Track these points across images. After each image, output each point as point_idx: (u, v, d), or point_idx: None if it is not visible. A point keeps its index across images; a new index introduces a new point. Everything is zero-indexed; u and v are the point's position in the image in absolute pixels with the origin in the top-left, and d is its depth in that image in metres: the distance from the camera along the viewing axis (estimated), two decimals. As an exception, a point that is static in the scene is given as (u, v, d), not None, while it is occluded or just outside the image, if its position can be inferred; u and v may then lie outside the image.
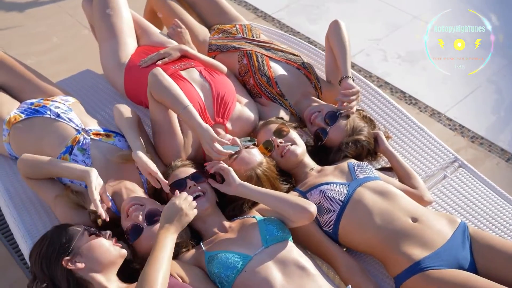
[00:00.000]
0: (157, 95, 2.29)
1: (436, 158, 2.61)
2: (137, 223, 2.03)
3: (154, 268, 1.73)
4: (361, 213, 2.10)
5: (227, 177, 2.09)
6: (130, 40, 2.82)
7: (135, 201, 2.10)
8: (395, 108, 2.82)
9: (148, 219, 2.04)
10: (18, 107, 2.52)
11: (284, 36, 3.31)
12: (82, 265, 1.86)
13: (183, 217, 1.92)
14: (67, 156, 2.27)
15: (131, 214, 2.05)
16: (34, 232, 2.24)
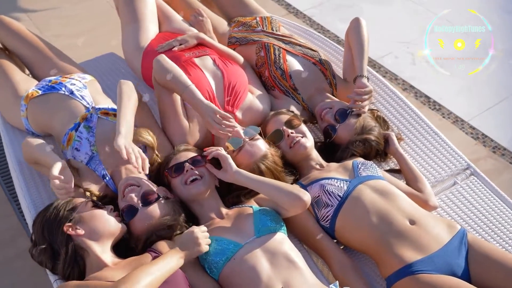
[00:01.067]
0: (160, 79, 2.34)
1: (448, 164, 2.55)
2: (132, 204, 2.06)
3: (146, 272, 1.71)
4: (358, 210, 2.08)
5: (224, 164, 2.10)
6: (152, 25, 2.86)
7: (132, 181, 2.13)
8: (411, 111, 2.77)
9: (143, 200, 2.06)
10: (37, 84, 2.59)
11: (308, 32, 3.29)
12: (82, 232, 1.92)
13: (196, 246, 1.90)
14: (73, 132, 2.33)
15: (127, 195, 2.08)
16: (39, 204, 2.30)
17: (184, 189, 2.14)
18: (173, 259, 1.82)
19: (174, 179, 2.17)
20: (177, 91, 2.34)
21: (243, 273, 1.88)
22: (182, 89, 2.29)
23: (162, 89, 2.39)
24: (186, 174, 2.15)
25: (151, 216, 2.03)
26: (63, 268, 1.93)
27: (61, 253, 1.92)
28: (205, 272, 1.95)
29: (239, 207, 2.15)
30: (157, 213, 2.05)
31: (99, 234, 1.96)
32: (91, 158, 2.28)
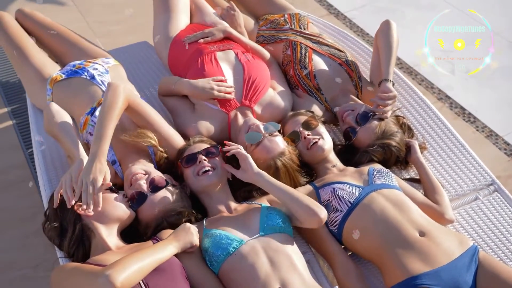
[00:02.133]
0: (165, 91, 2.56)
1: (471, 178, 2.45)
2: (141, 190, 2.06)
3: (136, 258, 1.70)
4: (367, 218, 2.03)
5: (244, 163, 2.08)
6: (182, 16, 2.87)
7: (139, 170, 2.14)
8: (439, 120, 2.68)
9: (152, 187, 2.07)
10: (61, 68, 2.64)
11: (342, 33, 3.24)
12: (91, 213, 1.93)
13: (188, 236, 1.91)
14: (89, 117, 2.36)
15: (135, 183, 2.09)
16: (55, 183, 2.35)
17: (196, 180, 2.14)
18: (165, 248, 1.82)
19: (186, 169, 2.18)
20: (169, 89, 2.51)
21: (242, 269, 1.86)
22: (172, 84, 2.49)
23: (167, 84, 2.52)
24: (198, 165, 2.15)
25: (161, 202, 2.04)
26: (68, 246, 1.96)
27: (69, 231, 1.95)
28: (206, 265, 1.94)
29: (249, 203, 2.13)
30: (167, 198, 2.06)
31: (107, 217, 1.98)
32: None
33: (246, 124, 2.32)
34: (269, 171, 2.16)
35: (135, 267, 1.66)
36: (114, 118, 2.09)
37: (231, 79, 2.51)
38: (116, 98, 2.12)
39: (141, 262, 1.69)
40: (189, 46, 2.64)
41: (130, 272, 1.64)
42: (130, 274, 1.63)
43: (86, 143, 2.34)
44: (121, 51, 3.18)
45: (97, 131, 2.04)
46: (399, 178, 2.31)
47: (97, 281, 1.59)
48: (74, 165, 2.03)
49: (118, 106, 2.11)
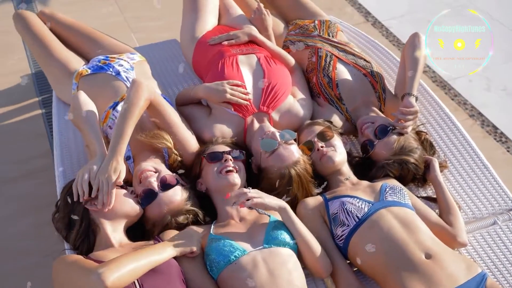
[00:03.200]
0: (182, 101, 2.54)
1: (491, 201, 2.36)
2: (151, 188, 2.06)
3: (132, 259, 1.71)
4: (373, 235, 1.97)
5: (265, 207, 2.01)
6: (210, 17, 2.87)
7: (149, 167, 2.14)
8: (463, 138, 2.59)
9: (162, 185, 2.07)
10: (87, 63, 2.68)
11: (372, 42, 3.18)
12: (97, 208, 1.96)
13: (191, 240, 1.93)
14: (110, 110, 2.38)
15: (144, 180, 2.09)
16: (69, 175, 2.39)
17: (218, 178, 2.13)
18: (164, 250, 1.81)
19: (208, 166, 2.17)
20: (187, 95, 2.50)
21: (240, 279, 1.85)
22: (190, 89, 2.49)
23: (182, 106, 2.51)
24: (223, 163, 2.14)
25: (171, 201, 2.04)
26: (75, 239, 1.99)
27: (76, 224, 1.98)
28: (206, 270, 1.93)
29: (260, 212, 2.11)
30: (176, 197, 2.06)
31: (114, 213, 1.99)
32: None
33: (262, 130, 2.30)
34: (283, 180, 2.14)
35: (129, 267, 1.67)
36: (135, 116, 2.12)
37: (251, 84, 2.49)
38: (139, 96, 2.14)
39: (136, 263, 1.69)
40: (212, 47, 2.64)
41: (123, 272, 1.64)
42: (123, 274, 1.64)
43: (106, 136, 2.36)
44: (150, 48, 3.22)
45: (118, 128, 2.07)
46: (414, 196, 2.25)
47: (89, 277, 1.61)
48: (95, 160, 2.05)
49: (140, 104, 2.13)
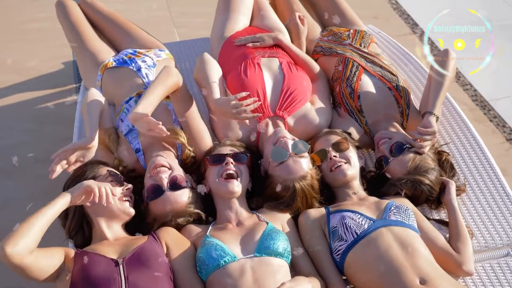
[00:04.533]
0: (195, 74, 2.42)
1: (508, 231, 2.24)
2: (160, 184, 2.08)
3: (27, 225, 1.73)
4: (370, 254, 1.92)
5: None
6: (242, 18, 2.87)
7: (164, 162, 2.15)
8: (488, 164, 2.47)
9: (172, 184, 2.08)
10: (114, 55, 2.74)
11: (407, 55, 3.10)
12: (88, 204, 1.98)
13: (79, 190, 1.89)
14: (124, 104, 2.43)
15: (156, 175, 2.10)
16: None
17: (218, 183, 2.14)
18: (55, 203, 1.83)
19: (211, 168, 2.18)
20: (201, 86, 2.38)
21: (226, 285, 1.85)
22: (204, 84, 2.33)
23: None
24: (224, 166, 2.14)
25: (176, 202, 2.06)
26: (69, 228, 2.03)
27: (70, 213, 2.02)
28: (195, 271, 1.94)
29: (259, 218, 2.10)
30: (182, 199, 2.07)
31: (104, 212, 2.00)
32: (130, 131, 2.36)
33: (276, 135, 2.28)
34: (286, 192, 2.12)
35: (26, 233, 1.70)
36: (161, 88, 2.19)
37: (270, 87, 2.47)
38: (168, 75, 2.24)
39: (33, 228, 1.73)
40: (238, 48, 2.64)
41: (20, 239, 1.68)
42: (19, 241, 1.68)
43: (116, 129, 2.41)
44: (182, 45, 3.25)
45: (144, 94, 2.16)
46: (424, 218, 2.17)
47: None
48: (79, 140, 2.13)
49: (168, 83, 2.21)
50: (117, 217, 2.01)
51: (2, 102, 3.69)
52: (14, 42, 4.25)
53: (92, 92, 2.35)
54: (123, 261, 1.81)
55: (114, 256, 1.85)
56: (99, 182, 1.95)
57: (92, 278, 1.75)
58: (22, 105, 3.66)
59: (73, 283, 1.78)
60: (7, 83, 3.84)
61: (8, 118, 3.57)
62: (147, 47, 2.82)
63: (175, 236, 2.01)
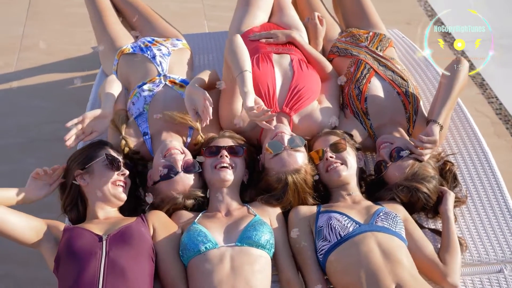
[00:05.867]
0: (226, 57, 2.33)
1: (504, 247, 2.18)
2: (175, 165, 2.13)
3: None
4: (351, 257, 1.92)
5: None
6: (260, 13, 2.89)
7: (178, 147, 2.21)
8: (494, 178, 2.41)
9: (186, 167, 2.14)
10: (132, 42, 2.81)
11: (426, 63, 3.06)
12: (84, 184, 2.07)
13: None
14: (136, 89, 2.49)
15: (171, 156, 2.16)
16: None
17: (211, 172, 2.18)
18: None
19: (206, 159, 2.22)
20: (233, 72, 2.27)
21: (203, 271, 1.89)
22: (237, 72, 2.25)
23: (227, 70, 2.39)
24: (219, 159, 2.17)
25: (188, 183, 2.12)
26: (64, 203, 2.11)
27: (66, 189, 2.09)
28: (178, 254, 1.98)
29: (249, 210, 2.12)
30: (192, 181, 2.13)
31: (94, 194, 2.07)
32: (140, 114, 2.43)
33: (274, 130, 2.29)
34: (278, 184, 2.13)
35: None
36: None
37: (279, 83, 2.48)
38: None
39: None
40: (251, 43, 2.65)
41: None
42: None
43: (127, 111, 2.48)
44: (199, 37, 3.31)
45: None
46: (416, 226, 2.14)
47: None
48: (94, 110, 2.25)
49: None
50: (108, 201, 2.06)
51: (30, 81, 3.83)
52: (54, 24, 4.38)
53: (113, 77, 2.48)
54: (108, 238, 1.87)
55: (100, 233, 1.91)
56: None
57: (75, 250, 1.83)
58: (48, 85, 3.79)
59: (58, 254, 1.87)
60: (38, 63, 3.99)
61: (33, 96, 3.70)
62: (165, 36, 2.88)
63: (163, 220, 2.05)
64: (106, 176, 2.06)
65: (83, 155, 2.13)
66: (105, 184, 2.04)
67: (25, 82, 3.83)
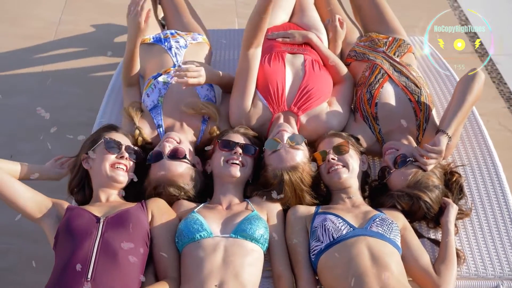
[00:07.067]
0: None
1: (503, 263, 2.15)
2: (162, 151, 2.20)
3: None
4: (340, 260, 1.94)
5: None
6: (281, 13, 2.92)
7: (175, 136, 2.27)
8: (502, 193, 2.38)
9: (171, 154, 2.19)
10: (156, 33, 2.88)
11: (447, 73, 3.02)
12: (88, 168, 2.16)
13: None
14: (152, 80, 2.56)
15: (162, 143, 2.23)
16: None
17: (222, 166, 2.22)
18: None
19: (219, 151, 2.26)
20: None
21: (195, 258, 1.93)
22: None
23: (246, 62, 2.42)
24: (233, 154, 2.22)
25: (169, 170, 2.16)
26: (70, 183, 2.19)
27: (74, 170, 2.18)
28: (173, 241, 2.03)
29: (248, 206, 2.16)
30: (177, 169, 2.17)
31: (97, 177, 2.15)
32: (155, 107, 2.49)
33: (278, 128, 2.32)
34: (274, 179, 2.16)
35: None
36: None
37: (289, 82, 2.51)
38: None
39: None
40: (267, 41, 2.68)
41: None
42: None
43: (141, 103, 2.55)
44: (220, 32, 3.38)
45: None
46: (415, 235, 2.13)
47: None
48: None
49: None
50: (107, 183, 2.13)
51: (61, 65, 3.96)
52: (91, 13, 4.50)
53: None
54: (105, 220, 1.94)
55: (99, 214, 1.98)
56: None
57: (72, 229, 1.91)
58: (78, 71, 3.91)
59: (58, 231, 1.95)
60: (71, 49, 4.11)
61: (63, 81, 3.82)
62: (188, 30, 2.93)
63: (163, 207, 2.11)
64: (105, 159, 2.13)
65: (90, 139, 2.21)
66: (104, 166, 2.12)
67: (57, 67, 3.96)
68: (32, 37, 4.21)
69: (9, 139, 3.41)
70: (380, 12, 2.97)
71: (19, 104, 3.65)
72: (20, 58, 4.03)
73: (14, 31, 4.29)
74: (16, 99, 3.70)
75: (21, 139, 3.41)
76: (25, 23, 4.37)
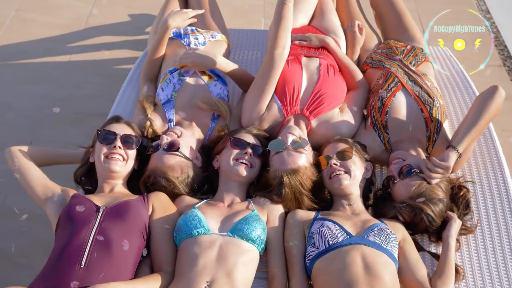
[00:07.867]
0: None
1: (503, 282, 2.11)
2: (159, 144, 2.25)
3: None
4: (334, 267, 1.93)
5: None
6: (301, 16, 2.92)
7: (176, 130, 2.32)
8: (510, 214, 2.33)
9: (167, 146, 2.23)
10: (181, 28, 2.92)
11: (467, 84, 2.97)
12: (92, 160, 2.23)
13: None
14: (168, 74, 2.60)
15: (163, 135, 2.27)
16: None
17: (231, 163, 2.23)
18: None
19: (229, 149, 2.28)
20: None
21: (191, 253, 1.95)
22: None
23: (268, 66, 2.44)
24: (243, 154, 2.24)
25: (161, 161, 2.20)
26: (76, 172, 2.25)
27: (82, 160, 2.24)
28: (171, 235, 2.06)
29: (249, 205, 2.17)
30: (168, 162, 2.20)
31: (98, 168, 2.21)
32: (168, 101, 2.53)
33: (286, 130, 2.33)
34: (274, 180, 2.17)
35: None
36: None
37: (304, 86, 2.51)
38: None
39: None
40: (289, 44, 2.69)
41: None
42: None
43: (155, 97, 2.59)
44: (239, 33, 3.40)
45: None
46: (414, 247, 2.10)
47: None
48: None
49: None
50: (105, 174, 2.18)
51: (87, 56, 4.05)
52: (121, 7, 4.58)
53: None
54: (105, 209, 1.98)
55: (100, 204, 2.02)
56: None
57: (72, 215, 1.96)
58: (103, 63, 3.99)
59: (60, 217, 2.01)
60: (98, 41, 4.20)
61: (88, 72, 3.92)
62: (209, 28, 2.96)
63: (164, 201, 2.14)
64: (99, 150, 2.19)
65: (96, 133, 2.26)
66: (99, 158, 2.18)
67: (83, 57, 4.06)
68: (62, 27, 4.32)
69: (31, 126, 3.50)
70: (401, 19, 2.94)
71: (44, 92, 3.75)
72: (49, 47, 4.14)
73: (45, 20, 4.41)
74: (41, 87, 3.80)
75: (42, 127, 3.50)
76: (56, 13, 4.48)
